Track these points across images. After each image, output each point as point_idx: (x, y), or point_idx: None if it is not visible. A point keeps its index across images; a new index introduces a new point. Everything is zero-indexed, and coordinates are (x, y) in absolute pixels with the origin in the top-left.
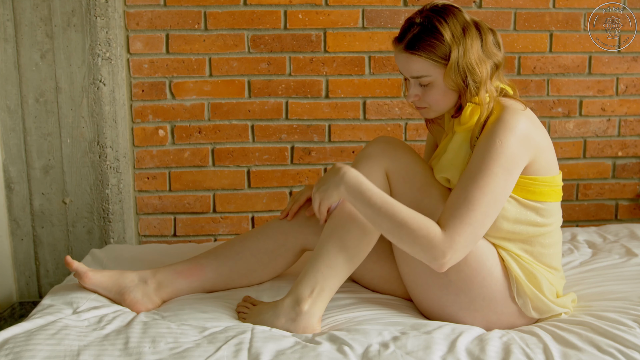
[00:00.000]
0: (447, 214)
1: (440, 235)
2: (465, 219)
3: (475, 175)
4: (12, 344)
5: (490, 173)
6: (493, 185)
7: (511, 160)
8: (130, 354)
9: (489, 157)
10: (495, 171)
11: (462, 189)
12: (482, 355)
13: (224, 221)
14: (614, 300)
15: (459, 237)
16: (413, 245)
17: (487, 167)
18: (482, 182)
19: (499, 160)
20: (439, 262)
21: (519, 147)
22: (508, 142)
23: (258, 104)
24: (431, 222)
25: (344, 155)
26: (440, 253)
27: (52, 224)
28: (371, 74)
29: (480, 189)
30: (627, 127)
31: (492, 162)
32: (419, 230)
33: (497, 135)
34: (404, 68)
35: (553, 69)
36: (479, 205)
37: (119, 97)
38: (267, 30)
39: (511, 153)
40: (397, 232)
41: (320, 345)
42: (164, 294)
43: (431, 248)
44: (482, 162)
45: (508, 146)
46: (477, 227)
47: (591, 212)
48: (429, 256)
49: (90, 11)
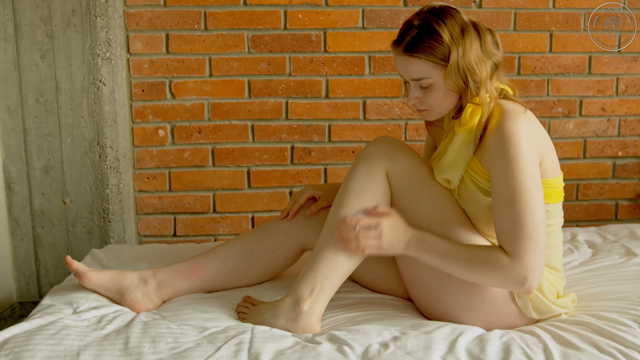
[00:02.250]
0: (504, 240)
1: (510, 262)
2: (523, 237)
3: (508, 193)
4: (12, 344)
5: (520, 183)
6: (528, 194)
7: (530, 163)
8: (130, 354)
9: (511, 169)
10: (523, 180)
11: (503, 211)
12: (482, 355)
13: (224, 221)
14: (614, 300)
15: (528, 256)
16: (491, 279)
17: (515, 180)
18: (517, 195)
19: (521, 168)
20: (524, 288)
21: (531, 149)
22: (521, 149)
23: (258, 104)
24: (496, 252)
25: (344, 155)
26: (521, 279)
27: (52, 224)
28: (371, 74)
29: (519, 202)
30: (627, 127)
31: (517, 173)
32: (489, 264)
33: (509, 146)
34: (403, 71)
35: (553, 69)
36: (527, 218)
37: (119, 97)
38: (267, 30)
39: (528, 157)
40: (471, 273)
41: (320, 345)
42: (164, 294)
43: (508, 277)
44: (507, 177)
45: (523, 152)
46: (537, 237)
47: (591, 212)
48: (512, 284)
49: (90, 11)
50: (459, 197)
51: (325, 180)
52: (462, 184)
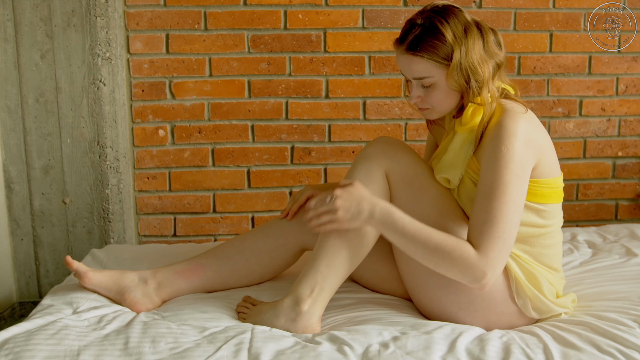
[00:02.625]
0: (474, 233)
1: (475, 255)
2: (493, 234)
3: (490, 189)
4: (12, 344)
5: (504, 182)
6: (510, 194)
7: (520, 165)
8: (130, 354)
9: (498, 166)
10: (508, 179)
11: (481, 204)
12: (482, 355)
13: (224, 221)
14: (614, 300)
15: (492, 253)
16: (450, 268)
17: (500, 177)
18: (498, 193)
19: (509, 167)
20: (481, 283)
21: (525, 151)
22: (514, 148)
23: (258, 104)
24: (464, 243)
25: (344, 155)
26: (480, 273)
27: (52, 224)
28: (371, 74)
29: (499, 200)
30: (627, 127)
31: (503, 171)
32: (454, 252)
33: (502, 143)
34: (405, 70)
35: (553, 69)
36: (502, 217)
37: (119, 97)
38: (267, 30)
39: (519, 158)
40: (433, 257)
41: (320, 345)
42: (164, 294)
43: (469, 269)
44: (493, 173)
45: (514, 152)
46: (506, 238)
47: (591, 212)
48: (470, 277)
49: (90, 11)
50: (459, 197)
51: (325, 180)
52: (462, 183)
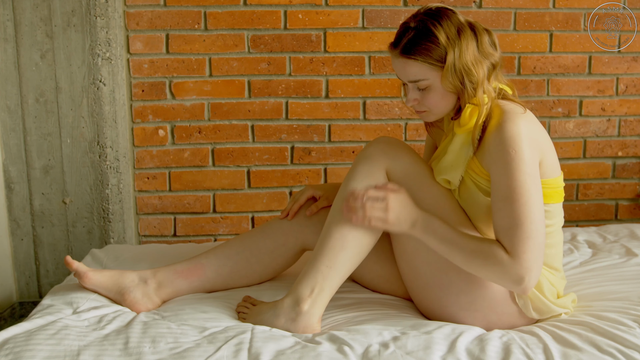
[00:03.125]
0: (504, 241)
1: (509, 260)
2: (522, 237)
3: (508, 193)
4: (12, 344)
5: (520, 184)
6: (527, 194)
7: (530, 163)
8: (130, 354)
9: (511, 170)
10: (523, 180)
11: (502, 210)
12: (482, 355)
13: (224, 221)
14: (614, 300)
15: (526, 255)
16: (489, 274)
17: (515, 180)
18: (516, 195)
19: (521, 168)
20: (521, 287)
21: (531, 149)
22: (521, 149)
23: (258, 104)
24: (498, 248)
25: (344, 155)
26: (518, 278)
27: (52, 224)
28: (371, 74)
29: (519, 202)
30: (627, 127)
31: (517, 173)
32: (489, 259)
33: (509, 146)
34: (401, 73)
35: (553, 69)
36: (526, 218)
37: (119, 97)
38: (267, 30)
39: (528, 157)
40: (470, 263)
41: (320, 345)
42: (164, 294)
43: (506, 274)
44: (507, 177)
45: (523, 153)
46: (536, 237)
47: (591, 212)
48: (508, 282)
49: (90, 11)
50: (460, 198)
51: (325, 180)
52: (463, 184)
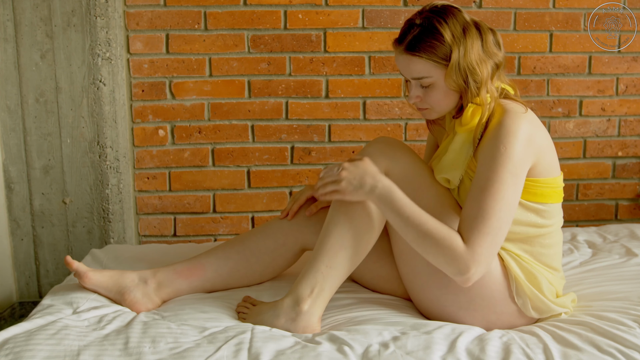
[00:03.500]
0: (464, 227)
1: (462, 248)
2: (482, 230)
3: (485, 185)
4: (12, 344)
5: (499, 180)
6: (503, 192)
7: (517, 164)
8: (130, 354)
9: (495, 164)
10: (503, 177)
11: (474, 200)
12: (482, 355)
13: (224, 221)
14: (614, 300)
15: (479, 249)
16: (437, 256)
17: (496, 175)
18: (492, 190)
19: (506, 166)
20: (464, 277)
21: (523, 151)
22: (512, 148)
23: (258, 104)
24: (455, 235)
25: (344, 155)
26: (464, 267)
27: (52, 224)
28: (371, 74)
29: (492, 197)
30: (627, 127)
31: (500, 169)
32: (443, 241)
33: (501, 142)
34: (404, 70)
35: (553, 69)
36: (494, 214)
37: (119, 97)
38: (267, 30)
39: (517, 158)
40: (422, 242)
41: (320, 345)
42: (164, 294)
43: (454, 260)
44: (490, 170)
45: (513, 151)
46: (495, 236)
47: (591, 212)
48: (454, 269)
49: (90, 11)
50: (459, 197)
51: None
52: (462, 183)
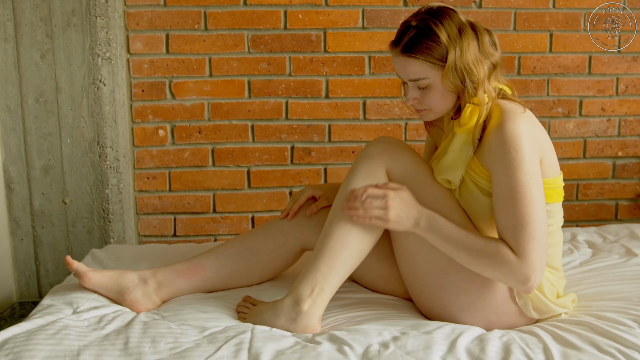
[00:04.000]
0: (507, 239)
1: (515, 260)
2: (527, 237)
3: (510, 193)
4: (12, 344)
5: (522, 183)
6: (530, 194)
7: (531, 163)
8: (130, 354)
9: (512, 170)
10: (524, 180)
11: (505, 211)
12: (482, 355)
13: (224, 221)
14: (614, 300)
15: (531, 255)
16: (494, 273)
17: (516, 180)
18: (519, 195)
19: (523, 168)
20: (526, 286)
21: (531, 149)
22: (522, 148)
23: (258, 104)
24: (504, 248)
25: (344, 155)
26: (524, 277)
27: (52, 224)
28: (371, 74)
29: (521, 202)
30: (627, 127)
31: (518, 173)
32: (495, 258)
33: (510, 146)
34: (401, 71)
35: (553, 69)
36: (530, 217)
37: (119, 97)
38: (267, 30)
39: (529, 157)
40: (476, 263)
41: (320, 345)
42: (164, 294)
43: (512, 273)
44: (509, 177)
45: (524, 152)
46: (540, 237)
47: (591, 212)
48: (514, 282)
49: (90, 11)
50: (460, 197)
51: (325, 180)
52: (463, 184)
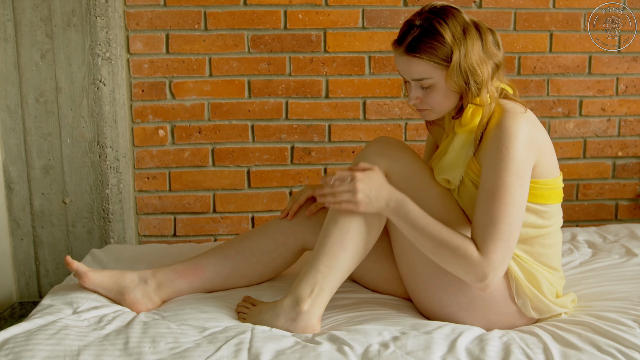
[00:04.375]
0: (476, 235)
1: (477, 256)
2: (494, 236)
3: (491, 190)
4: (12, 344)
5: (505, 184)
6: (511, 195)
7: (521, 165)
8: (130, 354)
9: (499, 168)
10: (509, 180)
11: (483, 206)
12: (482, 355)
13: (224, 221)
14: (614, 300)
15: (494, 255)
16: (454, 265)
17: (501, 179)
18: (499, 194)
19: (510, 169)
20: (482, 283)
21: (525, 152)
22: (514, 149)
23: (258, 104)
24: (469, 243)
25: (344, 155)
26: (481, 274)
27: (52, 224)
28: (371, 74)
29: (500, 201)
30: (627, 127)
31: (504, 173)
32: (458, 250)
33: (503, 144)
34: (404, 71)
35: (553, 69)
36: (504, 218)
37: (119, 97)
38: (267, 30)
39: (520, 159)
40: (437, 252)
41: (320, 345)
42: (164, 294)
43: (471, 268)
44: (494, 175)
45: (515, 153)
46: (508, 240)
47: (591, 212)
48: (471, 277)
49: (90, 11)
50: (459, 197)
51: None
52: (462, 184)
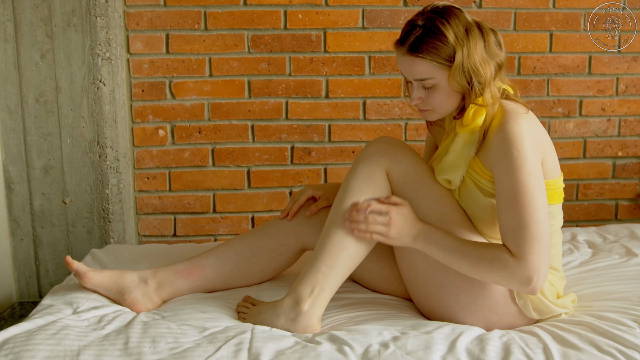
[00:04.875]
0: (509, 242)
1: (514, 262)
2: (527, 238)
3: (512, 194)
4: (12, 344)
5: (524, 184)
6: (531, 194)
7: (533, 163)
8: (130, 354)
9: (514, 170)
10: (526, 180)
11: (507, 211)
12: (482, 355)
13: (224, 221)
14: (614, 300)
15: (532, 257)
16: (495, 278)
17: (518, 180)
18: (520, 196)
19: (524, 168)
20: (529, 288)
21: (533, 150)
22: (524, 149)
23: (258, 104)
24: (503, 252)
25: (344, 155)
26: (526, 279)
27: (52, 224)
28: (371, 74)
29: (523, 202)
30: (627, 127)
31: (520, 173)
32: (494, 263)
33: (512, 146)
34: (407, 71)
35: (553, 69)
36: (531, 218)
37: (119, 97)
38: (267, 30)
39: (531, 157)
40: (475, 271)
41: (320, 345)
42: (164, 294)
43: (513, 277)
44: (511, 178)
45: (525, 152)
46: (541, 238)
47: (591, 212)
48: (517, 285)
49: (90, 11)
50: (460, 198)
51: (325, 180)
52: (463, 184)
